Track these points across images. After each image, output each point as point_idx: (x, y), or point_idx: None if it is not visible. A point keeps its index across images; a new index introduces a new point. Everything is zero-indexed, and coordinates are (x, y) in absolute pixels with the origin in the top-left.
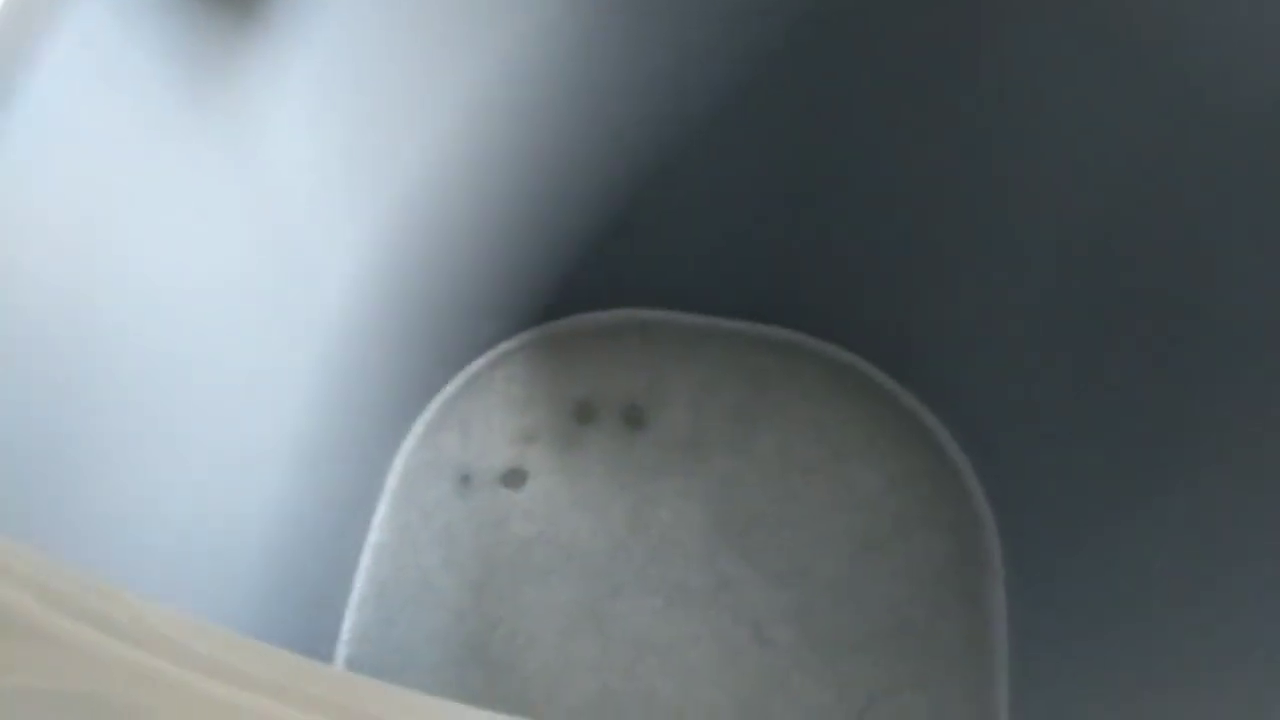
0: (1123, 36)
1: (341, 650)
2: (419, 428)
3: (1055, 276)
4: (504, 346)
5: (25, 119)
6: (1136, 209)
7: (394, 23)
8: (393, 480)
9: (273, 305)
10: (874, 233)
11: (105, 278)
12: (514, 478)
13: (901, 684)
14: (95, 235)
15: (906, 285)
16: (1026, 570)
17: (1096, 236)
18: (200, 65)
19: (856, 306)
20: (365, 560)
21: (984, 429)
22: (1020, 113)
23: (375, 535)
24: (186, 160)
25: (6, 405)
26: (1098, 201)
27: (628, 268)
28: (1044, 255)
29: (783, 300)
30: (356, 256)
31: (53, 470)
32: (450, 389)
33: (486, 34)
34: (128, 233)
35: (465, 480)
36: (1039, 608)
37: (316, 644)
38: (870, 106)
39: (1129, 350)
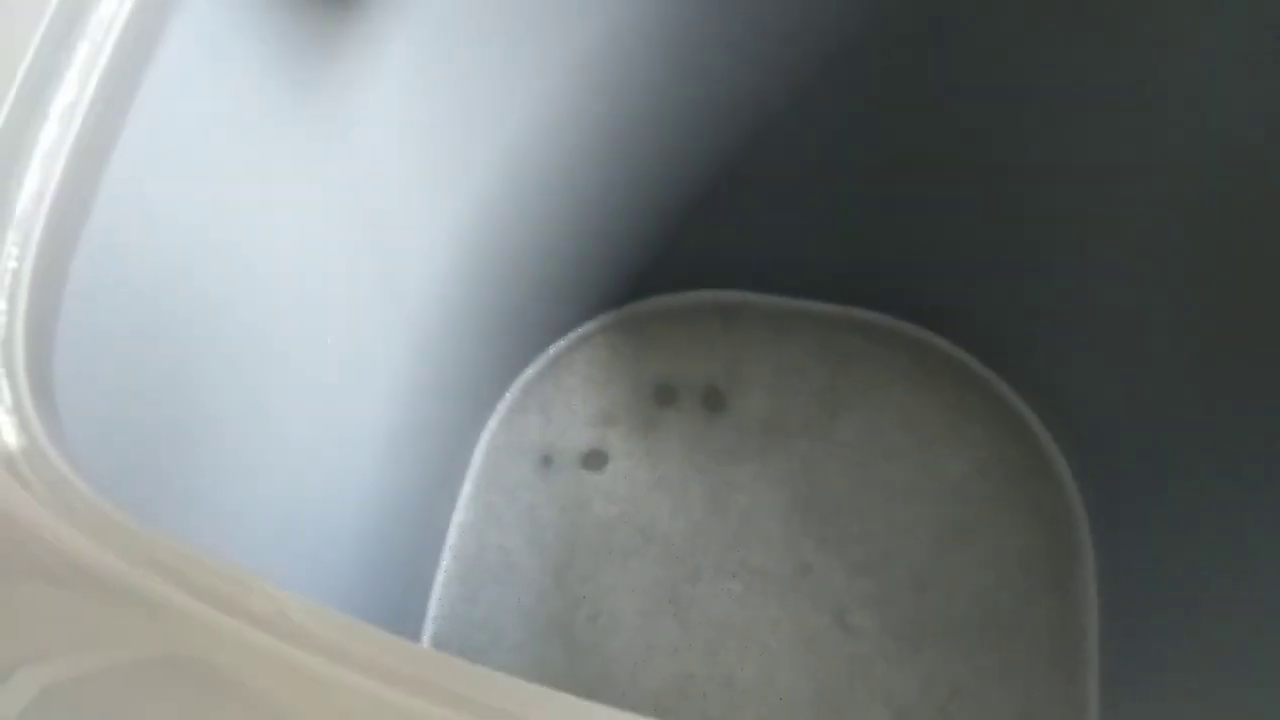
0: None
1: (428, 627)
2: (502, 409)
3: (1157, 263)
4: (585, 329)
5: (144, 110)
6: (1248, 194)
7: (485, 10)
8: (477, 461)
9: (367, 288)
10: (967, 215)
11: (212, 261)
12: (594, 459)
13: (987, 676)
14: (203, 219)
15: (999, 268)
16: (1118, 561)
17: (1202, 223)
18: (302, 53)
19: (945, 289)
20: (450, 539)
21: (1076, 416)
22: (1121, 95)
23: (460, 515)
24: (288, 145)
25: (120, 387)
26: (1204, 188)
27: (709, 250)
28: (1147, 240)
29: (868, 282)
30: (444, 241)
31: (162, 451)
32: (532, 371)
33: (575, 20)
34: (234, 216)
35: (547, 461)
36: (1131, 600)
37: (404, 621)
38: (966, 88)
39: (1233, 339)
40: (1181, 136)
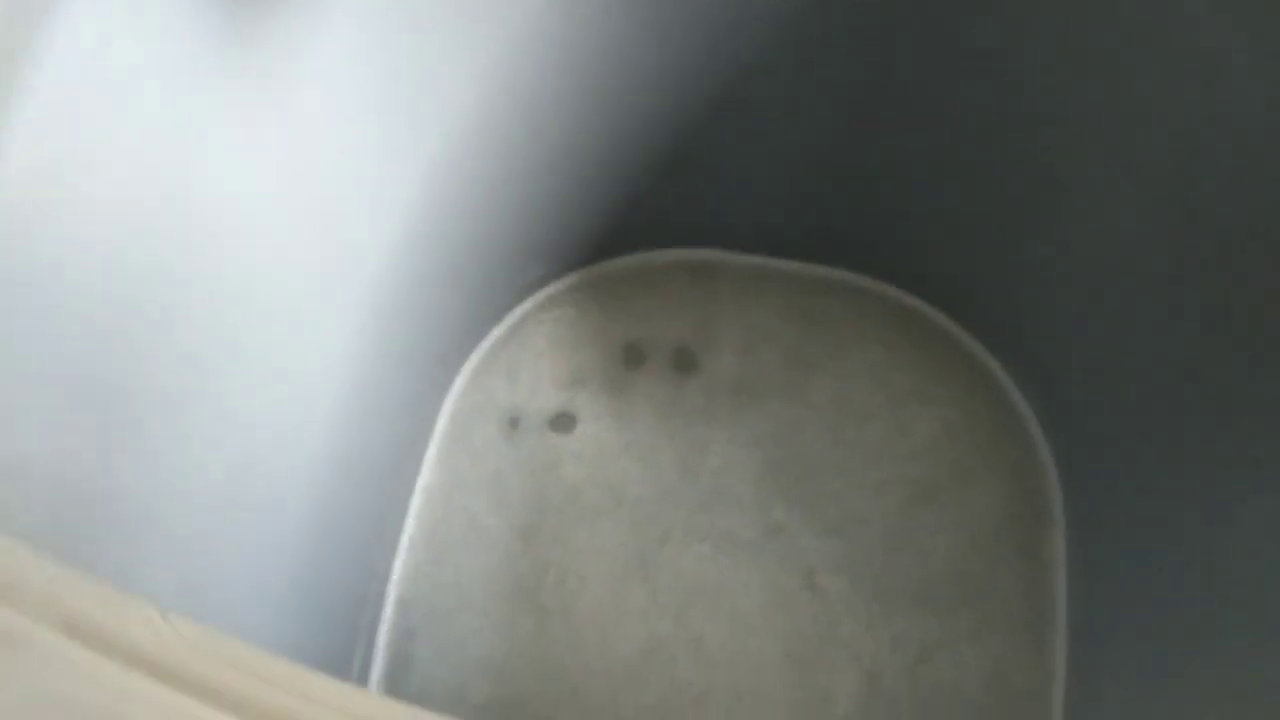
0: None
1: (393, 590)
2: (467, 370)
3: (1132, 222)
4: (552, 289)
5: (54, 69)
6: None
7: None
8: (442, 423)
9: (318, 248)
10: (939, 172)
11: (144, 227)
12: (563, 422)
13: (957, 637)
14: (132, 184)
15: (972, 226)
16: (1089, 524)
17: (1177, 181)
18: (243, 4)
19: (918, 247)
20: (416, 502)
21: (1049, 376)
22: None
23: (425, 478)
24: (225, 103)
25: (58, 352)
26: (1180, 146)
27: (678, 207)
28: (1120, 200)
29: (840, 241)
30: (401, 196)
31: (105, 414)
32: (498, 332)
33: None
34: (167, 180)
35: (514, 424)
36: (1100, 563)
37: (368, 583)
38: (940, 43)
39: (1207, 299)
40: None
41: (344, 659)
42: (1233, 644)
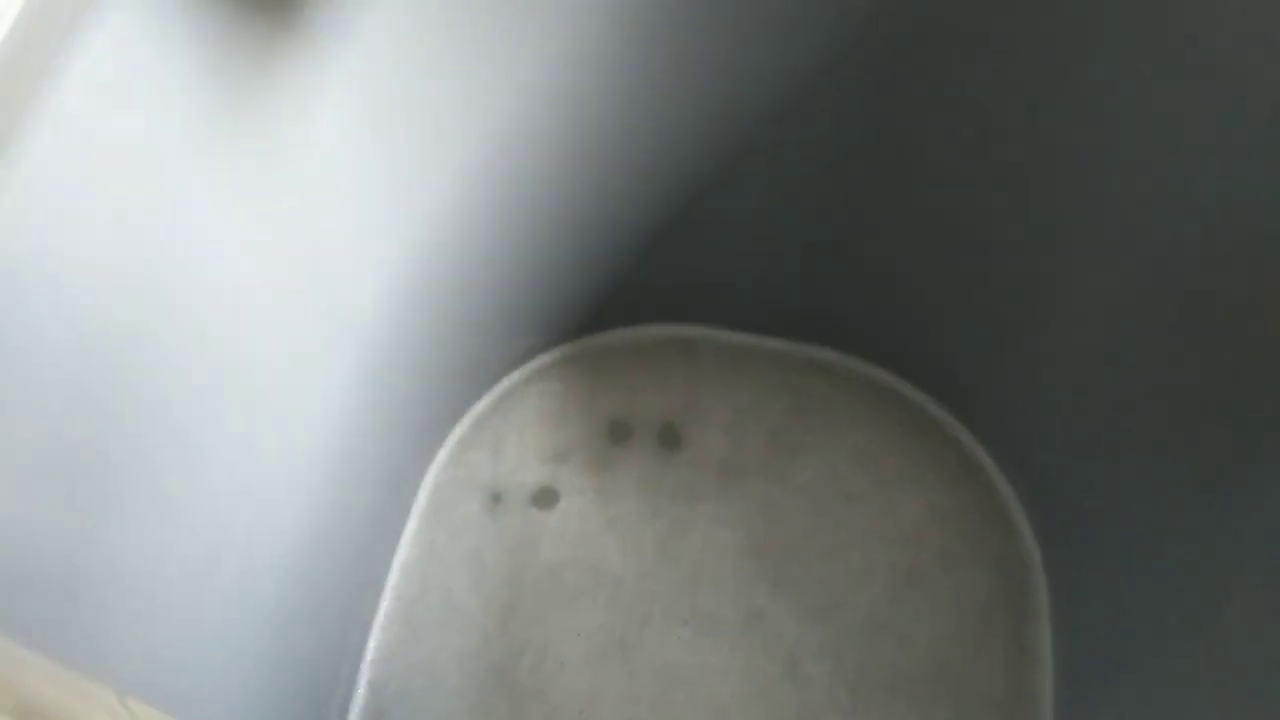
0: (1204, 54)
1: (366, 671)
2: (451, 443)
3: (1119, 313)
4: (539, 361)
5: (49, 131)
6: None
7: (433, 38)
8: (423, 497)
9: (304, 315)
10: (928, 259)
11: (131, 286)
12: (545, 497)
13: None
14: (120, 244)
15: (960, 313)
16: (1075, 614)
17: (1169, 279)
18: (236, 76)
19: (905, 331)
20: (393, 578)
21: (1034, 462)
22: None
23: (403, 552)
24: (220, 168)
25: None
26: (1167, 240)
27: (668, 282)
28: (1104, 289)
29: (829, 321)
30: (390, 267)
31: (81, 480)
32: (483, 404)
33: (528, 48)
34: (157, 239)
35: (496, 499)
36: (1087, 654)
37: (342, 662)
38: (929, 132)
39: (1191, 390)
40: (1150, 199)
41: None
42: None
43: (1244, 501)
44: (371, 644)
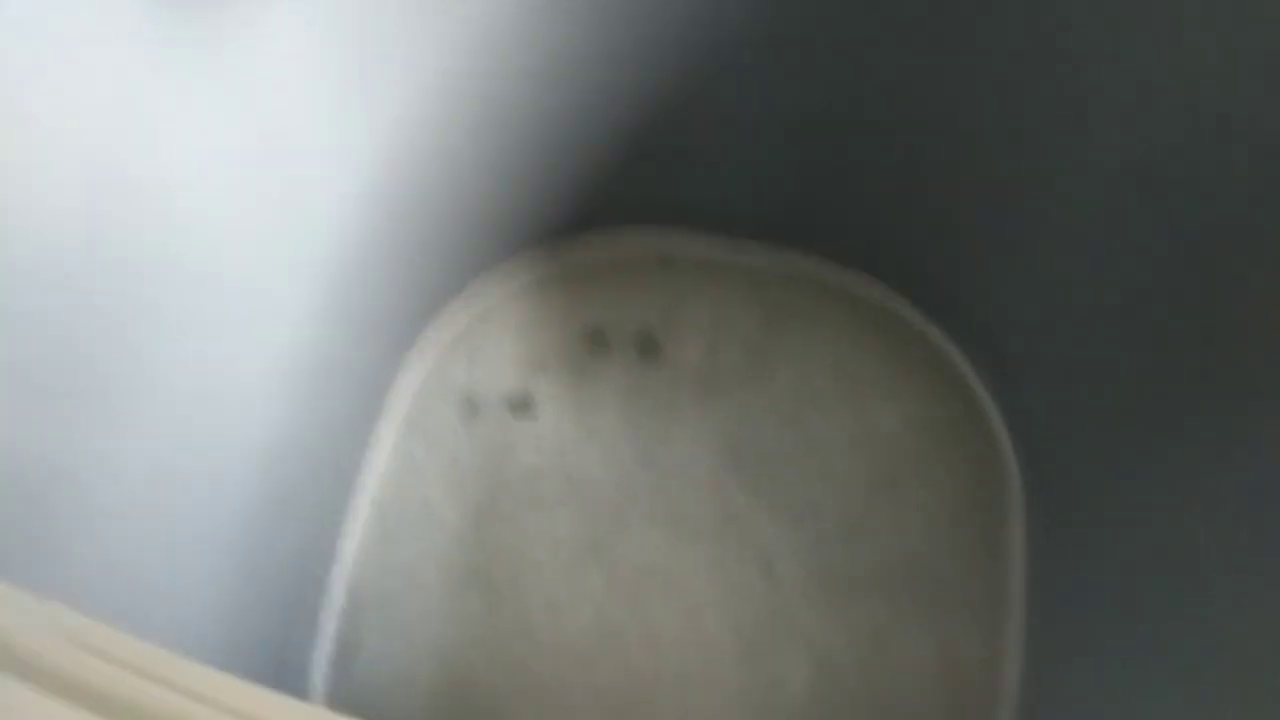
0: None
1: (341, 575)
2: (424, 350)
3: (1103, 220)
4: (514, 269)
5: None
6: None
7: None
8: (396, 405)
9: (270, 219)
10: (909, 160)
11: (83, 196)
12: (523, 406)
13: (910, 626)
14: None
15: (943, 217)
16: (1049, 518)
17: (1159, 189)
18: None
19: (884, 236)
20: (368, 485)
21: (1013, 370)
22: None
23: (378, 460)
24: (173, 66)
25: None
26: (1157, 147)
27: (646, 185)
28: (1094, 194)
29: (808, 227)
30: (357, 168)
31: (27, 387)
32: (457, 310)
33: None
34: (110, 146)
35: (472, 407)
36: (1059, 558)
37: (315, 566)
38: (913, 25)
39: (1177, 294)
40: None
41: (289, 642)
42: (1190, 635)
43: (1229, 419)
44: (347, 548)
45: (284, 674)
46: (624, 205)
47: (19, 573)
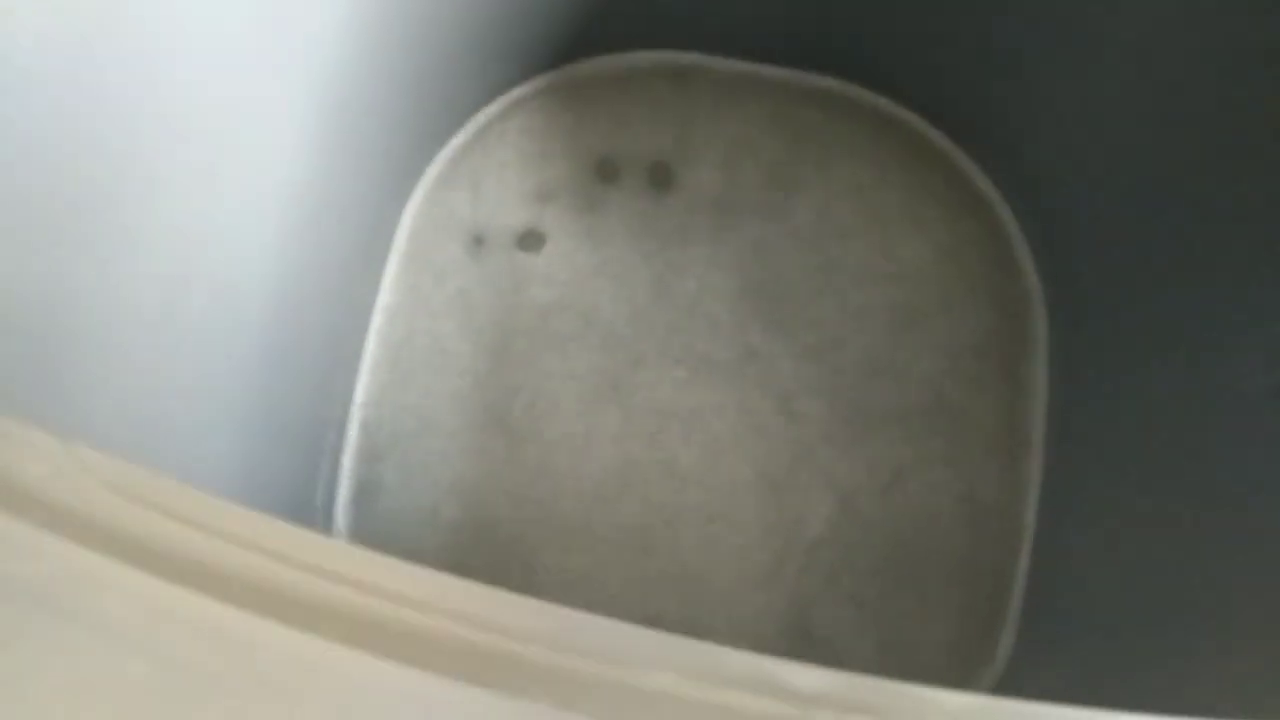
0: None
1: (356, 413)
2: (426, 182)
3: (1135, 42)
4: (518, 92)
5: None
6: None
7: None
8: (401, 239)
9: (267, 43)
10: None
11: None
12: (531, 240)
13: (931, 459)
14: None
15: (973, 37)
16: (1073, 353)
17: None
18: None
19: (912, 56)
20: (377, 322)
21: (1044, 199)
22: None
23: (385, 297)
24: None
25: None
26: None
27: (658, 4)
28: (1128, 15)
29: (831, 45)
30: None
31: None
32: (459, 139)
33: None
34: None
35: (478, 241)
36: (1082, 394)
37: (330, 406)
38: None
39: (1210, 120)
40: None
41: (308, 483)
42: (1212, 467)
43: (1252, 254)
44: (359, 387)
45: (307, 513)
46: (636, 26)
47: (31, 416)
